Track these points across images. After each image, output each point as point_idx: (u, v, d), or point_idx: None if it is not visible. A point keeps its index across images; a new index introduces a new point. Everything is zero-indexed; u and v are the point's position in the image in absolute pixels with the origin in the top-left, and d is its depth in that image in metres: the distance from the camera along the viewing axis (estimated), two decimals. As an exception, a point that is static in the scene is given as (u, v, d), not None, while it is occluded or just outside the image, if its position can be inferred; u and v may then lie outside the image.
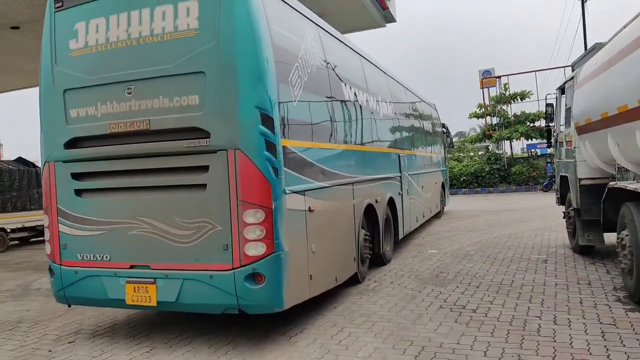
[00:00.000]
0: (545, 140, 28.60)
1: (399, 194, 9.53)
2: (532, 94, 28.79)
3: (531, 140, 29.60)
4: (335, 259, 6.12)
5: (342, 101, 6.68)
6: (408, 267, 8.23)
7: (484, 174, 28.14)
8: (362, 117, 7.56)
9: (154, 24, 4.77)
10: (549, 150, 34.09)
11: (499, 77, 29.43)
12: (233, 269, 4.58)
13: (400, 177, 9.68)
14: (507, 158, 29.10)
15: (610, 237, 8.50)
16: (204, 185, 4.69)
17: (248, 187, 4.52)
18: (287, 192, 4.74)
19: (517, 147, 35.34)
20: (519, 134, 27.88)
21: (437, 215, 15.00)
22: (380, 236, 7.99)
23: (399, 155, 9.69)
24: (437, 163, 15.21)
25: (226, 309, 4.71)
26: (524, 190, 26.77)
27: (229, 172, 4.55)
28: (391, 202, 8.89)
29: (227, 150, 4.56)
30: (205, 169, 4.69)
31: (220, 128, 4.58)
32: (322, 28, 6.39)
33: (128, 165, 5.01)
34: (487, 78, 29.30)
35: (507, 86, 29.23)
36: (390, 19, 17.52)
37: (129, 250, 4.99)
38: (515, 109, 29.66)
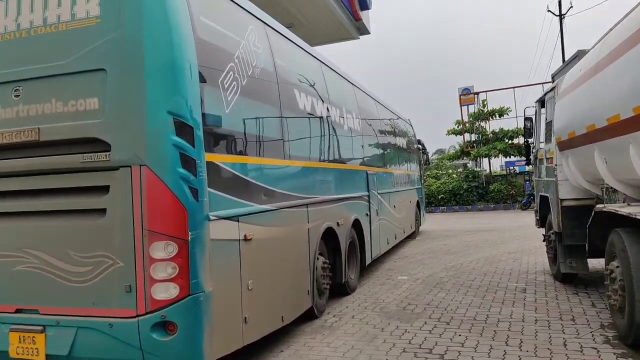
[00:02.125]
0: (523, 158, 28.34)
1: (367, 214, 8.72)
2: (510, 111, 28.40)
3: (509, 157, 29.10)
4: (282, 295, 5.22)
5: (295, 111, 5.87)
6: (374, 297, 7.38)
7: (462, 192, 27.53)
8: (321, 130, 6.76)
9: (47, 12, 3.87)
10: (527, 168, 33.76)
11: (477, 93, 29.02)
12: (137, 316, 3.65)
13: (369, 196, 8.88)
14: (485, 176, 28.57)
15: (593, 262, 7.82)
16: (103, 211, 3.77)
17: (156, 213, 3.62)
18: (213, 218, 3.87)
19: (496, 164, 34.98)
20: (497, 151, 27.39)
21: (412, 236, 14.22)
22: (342, 263, 7.15)
23: (367, 173, 8.89)
24: (412, 181, 14.47)
25: None
26: (502, 209, 26.20)
27: (133, 195, 3.65)
28: (357, 224, 8.06)
29: (131, 167, 3.66)
30: (104, 190, 3.78)
31: (123, 139, 3.68)
32: (270, 27, 5.56)
33: (12, 184, 4.07)
34: (466, 95, 28.87)
35: (485, 103, 28.82)
36: (364, 30, 16.90)
37: (14, 290, 4.02)
38: (493, 125, 29.24)
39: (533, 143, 9.16)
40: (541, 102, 8.60)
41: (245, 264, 4.38)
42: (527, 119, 9.12)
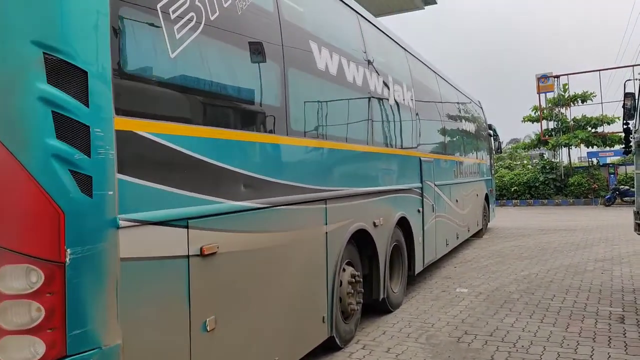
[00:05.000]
0: (608, 148, 25.25)
1: (419, 211, 7.12)
2: (595, 96, 25.57)
3: (592, 147, 26.25)
4: (274, 331, 3.69)
5: (308, 71, 4.34)
6: (421, 318, 5.81)
7: (537, 184, 25.08)
8: (352, 100, 5.20)
9: None
10: (610, 160, 30.39)
11: (558, 76, 26.23)
12: None
13: (422, 188, 7.27)
14: (564, 167, 25.88)
15: None
16: None
17: (7, 216, 2.14)
18: (125, 224, 2.39)
19: (575, 155, 31.87)
20: (579, 141, 24.67)
21: (478, 234, 12.44)
22: (381, 274, 5.62)
23: (420, 160, 7.27)
24: (480, 171, 12.64)
25: None
26: (582, 204, 23.62)
27: None
28: (404, 223, 6.51)
29: None
30: None
31: None
32: None
33: None
34: (545, 82, 26.04)
35: (566, 87, 26.01)
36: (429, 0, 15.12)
37: None
38: (575, 112, 26.49)
39: (635, 126, 7.19)
40: (650, 73, 6.64)
41: (201, 292, 2.87)
42: (627, 95, 7.13)
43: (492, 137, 14.99)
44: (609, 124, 25.08)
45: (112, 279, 2.32)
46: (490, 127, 14.82)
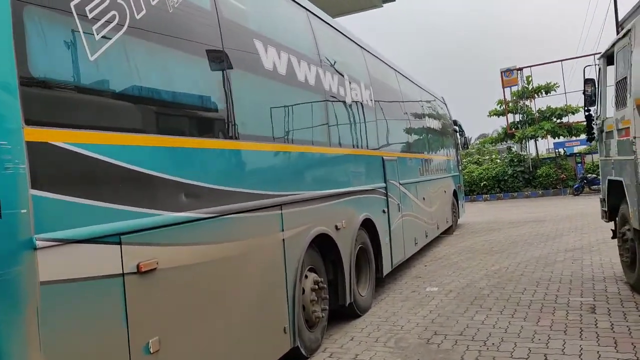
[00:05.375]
0: (574, 138, 25.58)
1: (384, 211, 6.96)
2: (558, 87, 25.92)
3: (558, 138, 26.60)
4: (231, 346, 3.44)
5: (254, 71, 4.11)
6: (391, 320, 5.64)
7: (506, 178, 25.25)
8: (305, 101, 5.00)
9: None
10: (577, 150, 30.85)
11: (521, 69, 26.50)
12: None
13: (386, 188, 7.11)
14: (531, 159, 26.15)
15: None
16: None
17: None
18: (43, 244, 2.14)
19: (543, 146, 32.29)
20: (545, 132, 24.95)
21: (449, 231, 12.37)
22: (346, 279, 5.43)
23: (382, 159, 7.11)
24: (447, 167, 12.59)
25: None
26: (551, 195, 23.87)
27: None
28: (369, 225, 6.33)
29: None
30: None
31: None
32: None
33: None
34: (509, 75, 26.27)
35: (529, 79, 26.33)
36: (387, -4, 15.04)
37: None
38: (539, 104, 26.80)
39: (596, 113, 7.16)
40: (607, 57, 6.60)
41: (141, 312, 2.64)
42: (587, 81, 7.08)
43: (457, 133, 14.98)
44: (573, 113, 25.44)
45: (31, 306, 2.08)
46: (455, 122, 14.80)
